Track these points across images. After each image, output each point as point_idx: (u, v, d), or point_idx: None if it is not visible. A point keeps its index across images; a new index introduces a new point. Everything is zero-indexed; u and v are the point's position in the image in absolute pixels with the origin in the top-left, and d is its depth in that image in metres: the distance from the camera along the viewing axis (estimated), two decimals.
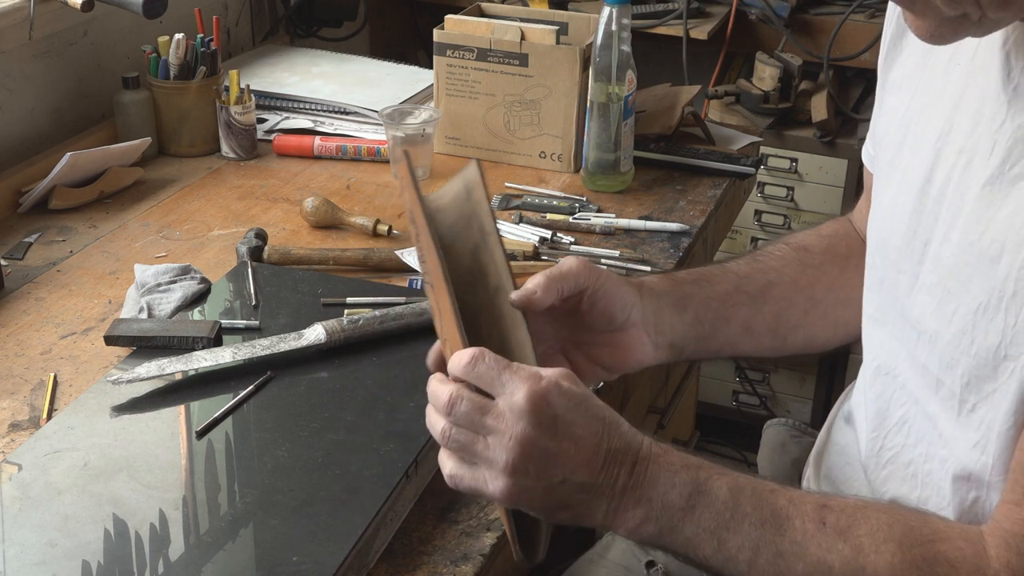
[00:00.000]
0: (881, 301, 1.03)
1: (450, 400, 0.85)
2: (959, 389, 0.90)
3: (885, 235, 1.01)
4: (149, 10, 1.67)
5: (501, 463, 0.84)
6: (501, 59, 1.75)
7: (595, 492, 0.86)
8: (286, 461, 1.08)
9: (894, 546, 0.84)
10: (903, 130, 1.00)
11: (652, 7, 2.42)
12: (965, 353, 0.89)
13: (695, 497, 0.87)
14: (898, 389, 1.00)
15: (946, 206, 0.92)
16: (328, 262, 1.49)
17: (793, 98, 2.42)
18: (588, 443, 0.85)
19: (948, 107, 0.94)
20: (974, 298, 0.87)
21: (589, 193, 1.72)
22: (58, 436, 1.11)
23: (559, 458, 0.84)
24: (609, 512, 0.87)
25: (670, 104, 1.88)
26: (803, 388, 2.68)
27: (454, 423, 0.86)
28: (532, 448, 0.83)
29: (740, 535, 0.86)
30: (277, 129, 1.90)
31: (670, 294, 1.07)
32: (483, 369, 0.85)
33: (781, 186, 2.50)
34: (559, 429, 0.84)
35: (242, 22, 2.24)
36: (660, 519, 0.87)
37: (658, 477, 0.87)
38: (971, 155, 0.90)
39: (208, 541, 0.99)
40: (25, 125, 1.77)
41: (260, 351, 1.22)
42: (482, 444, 0.85)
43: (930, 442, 0.96)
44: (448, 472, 0.88)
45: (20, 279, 1.47)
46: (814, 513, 0.87)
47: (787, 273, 1.14)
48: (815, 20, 2.44)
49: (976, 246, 0.88)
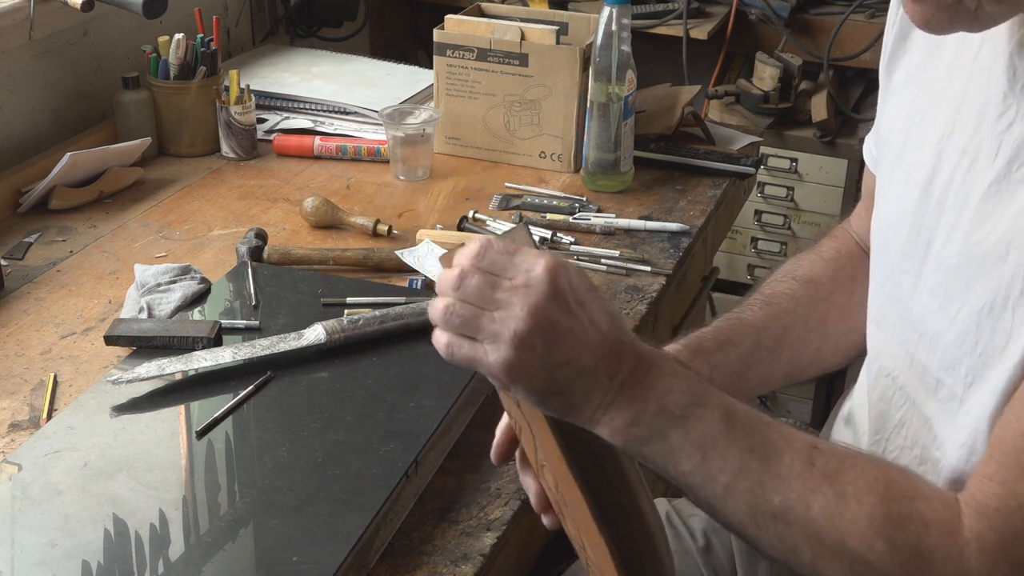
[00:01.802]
0: (883, 302, 1.03)
1: (460, 275, 0.81)
2: (961, 390, 0.90)
3: (888, 236, 1.01)
4: (149, 10, 1.67)
5: (508, 333, 0.80)
6: (501, 59, 1.75)
7: (594, 381, 0.83)
8: (286, 461, 1.08)
9: (875, 498, 0.84)
10: (906, 131, 1.00)
11: (652, 7, 2.42)
12: (969, 353, 0.88)
13: (690, 408, 0.85)
14: (897, 391, 1.00)
15: (949, 206, 0.92)
16: (328, 262, 1.48)
17: (793, 98, 2.42)
18: (598, 328, 0.83)
19: (951, 108, 0.94)
20: (979, 298, 0.87)
21: (589, 193, 1.72)
22: (58, 436, 1.11)
23: (568, 336, 0.81)
24: (601, 405, 0.84)
25: (670, 104, 1.88)
26: (803, 388, 2.67)
27: (461, 298, 0.82)
28: (544, 321, 0.80)
29: (726, 456, 0.85)
30: (277, 129, 1.90)
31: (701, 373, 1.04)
32: (493, 255, 0.82)
33: (781, 186, 2.50)
34: (572, 307, 0.82)
35: (242, 22, 2.24)
36: (651, 423, 0.84)
37: (658, 380, 0.85)
38: (974, 156, 0.90)
39: (208, 541, 0.99)
40: (25, 125, 1.77)
41: (260, 351, 1.21)
42: (488, 318, 0.81)
43: (924, 445, 0.96)
44: (445, 342, 0.83)
45: (20, 279, 1.47)
46: (804, 452, 0.86)
47: (800, 314, 1.14)
48: (815, 20, 2.44)
49: (982, 246, 0.88)
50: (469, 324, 0.82)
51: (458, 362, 0.84)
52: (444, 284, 0.83)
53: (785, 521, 0.84)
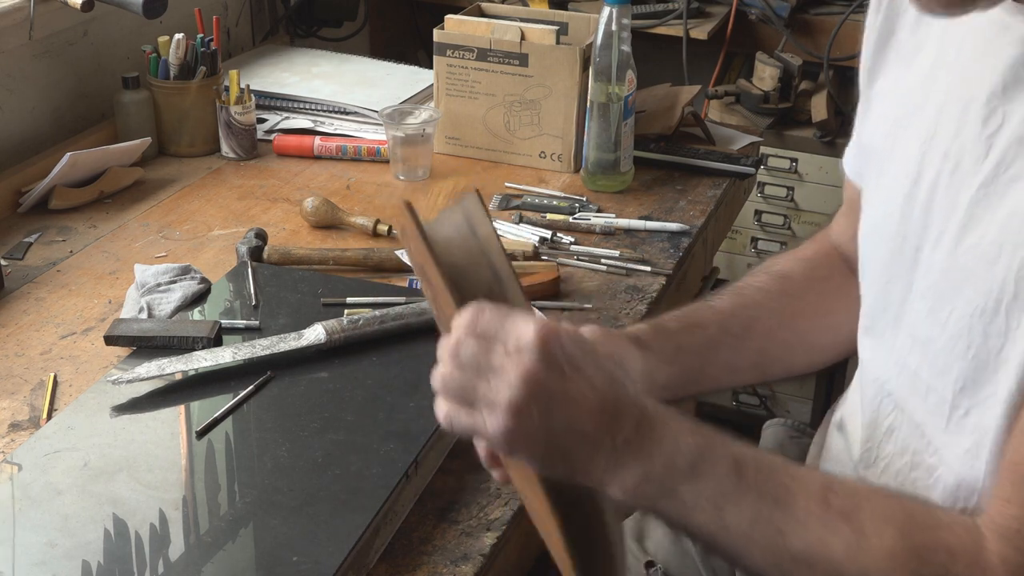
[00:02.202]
0: (873, 310, 1.03)
1: (456, 343, 0.81)
2: (951, 395, 0.90)
3: (875, 243, 1.01)
4: (149, 10, 1.67)
5: (504, 402, 0.79)
6: (501, 59, 1.75)
7: (596, 444, 0.82)
8: (286, 461, 1.08)
9: (895, 531, 0.83)
10: (891, 138, 1.00)
11: (652, 7, 2.42)
12: (960, 358, 0.88)
13: (699, 462, 0.84)
14: (885, 397, 1.00)
15: (936, 211, 0.92)
16: (328, 262, 1.48)
17: (793, 98, 2.42)
18: (595, 390, 0.82)
19: (933, 112, 0.94)
20: (969, 302, 0.87)
21: (589, 193, 1.72)
22: (58, 436, 1.11)
23: (564, 401, 0.81)
24: (608, 467, 0.83)
25: (670, 104, 1.88)
26: (803, 388, 2.67)
27: (457, 366, 0.81)
28: (538, 388, 0.80)
29: (740, 506, 0.84)
30: (277, 129, 1.90)
31: (664, 350, 1.06)
32: (486, 321, 0.81)
33: (781, 186, 2.50)
34: (567, 371, 0.81)
35: (242, 22, 2.24)
36: (661, 480, 0.84)
37: (663, 436, 0.84)
38: (958, 159, 0.90)
39: (208, 541, 0.99)
40: (25, 125, 1.77)
41: (260, 351, 1.22)
42: (484, 385, 0.80)
43: (915, 451, 0.96)
44: (444, 412, 0.83)
45: (20, 279, 1.47)
46: (818, 492, 0.85)
47: (770, 306, 1.13)
48: (815, 20, 2.44)
49: (973, 250, 0.87)
50: (466, 391, 0.81)
51: (458, 432, 0.83)
52: (442, 352, 0.83)
53: (808, 564, 0.84)
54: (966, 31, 0.92)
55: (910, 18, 1.00)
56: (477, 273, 0.88)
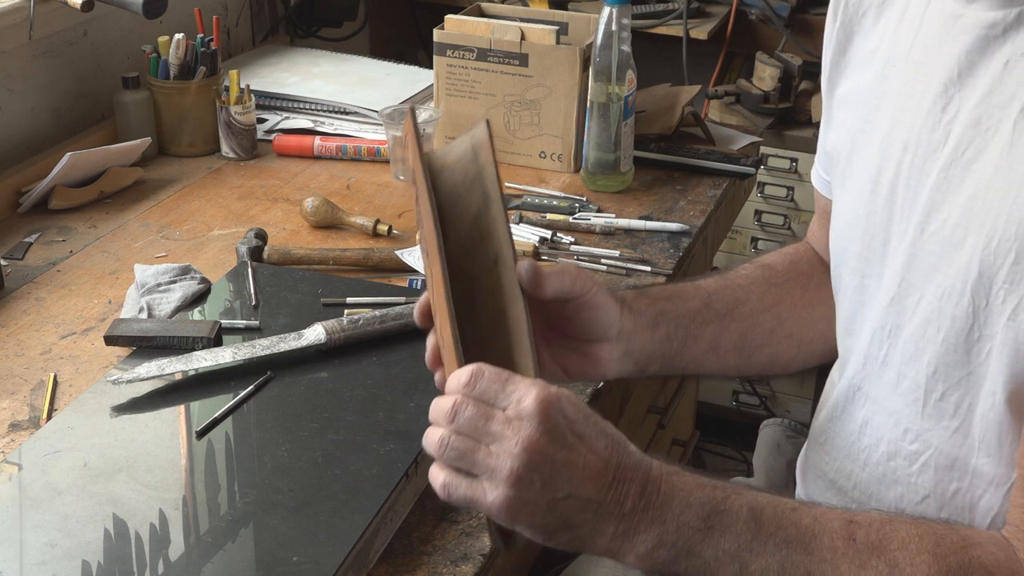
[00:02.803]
0: (850, 310, 1.03)
1: (454, 406, 0.79)
2: (924, 380, 0.91)
3: (845, 245, 1.02)
4: (149, 10, 1.67)
5: (504, 471, 0.78)
6: (501, 59, 1.75)
7: (602, 512, 0.81)
8: (286, 461, 1.08)
9: (928, 556, 0.83)
10: (850, 142, 1.02)
11: (652, 7, 2.42)
12: (931, 342, 0.90)
13: (713, 517, 0.82)
14: (856, 391, 1.01)
15: (899, 203, 0.93)
16: (328, 262, 1.49)
17: (793, 98, 2.42)
18: (598, 457, 0.81)
19: (889, 109, 0.95)
20: (938, 286, 0.89)
21: (589, 193, 1.72)
22: (58, 436, 1.11)
23: (566, 470, 0.79)
24: (617, 535, 0.81)
25: (670, 104, 1.88)
26: (803, 388, 2.67)
27: (455, 431, 0.80)
28: (539, 456, 0.78)
29: (764, 556, 0.82)
30: (277, 129, 1.90)
31: (646, 313, 1.04)
32: (484, 384, 0.80)
33: (781, 186, 2.50)
34: (568, 439, 0.79)
35: (242, 22, 2.24)
36: (676, 542, 0.82)
37: (672, 497, 0.82)
38: (916, 148, 0.91)
39: (208, 541, 0.99)
40: (25, 125, 1.77)
41: (260, 351, 1.22)
42: (484, 452, 0.79)
43: (891, 440, 0.96)
44: (441, 481, 0.81)
45: (20, 279, 1.47)
46: (842, 529, 0.84)
47: (753, 291, 1.13)
48: (815, 20, 2.44)
49: (938, 235, 0.89)
50: (465, 458, 0.80)
51: (456, 502, 0.81)
52: (437, 414, 0.81)
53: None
54: (919, 26, 0.93)
55: (868, 22, 1.01)
56: (469, 198, 0.88)
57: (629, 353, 1.03)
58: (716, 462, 2.70)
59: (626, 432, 0.86)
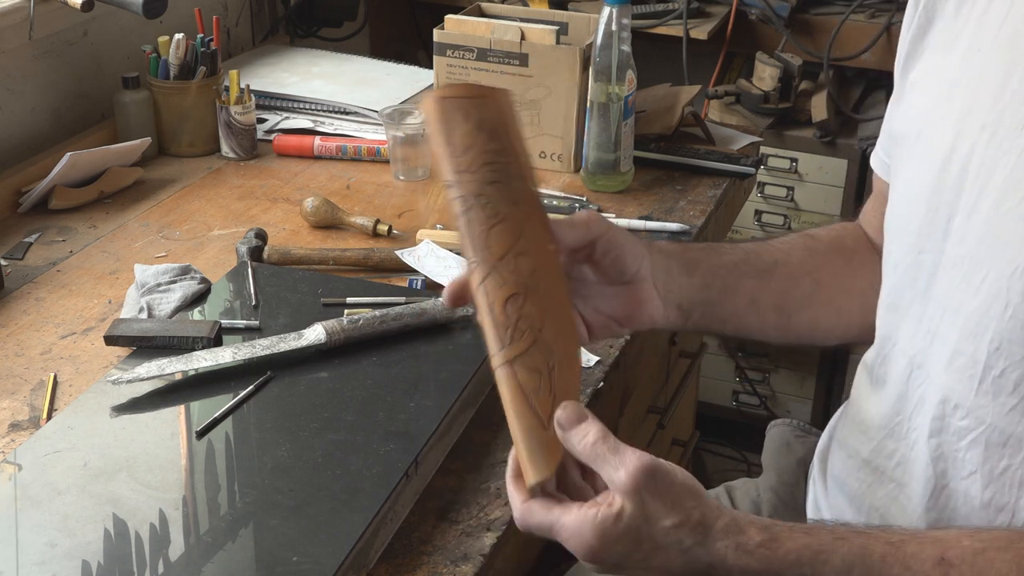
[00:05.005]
0: (898, 285, 1.03)
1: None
2: (984, 356, 0.90)
3: (904, 221, 1.02)
4: (149, 10, 1.67)
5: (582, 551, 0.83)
6: (501, 59, 1.75)
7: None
8: (286, 461, 1.08)
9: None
10: (919, 122, 1.02)
11: (652, 7, 2.42)
12: (997, 318, 0.89)
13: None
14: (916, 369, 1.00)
15: (971, 179, 0.93)
16: (328, 262, 1.49)
17: (793, 98, 2.42)
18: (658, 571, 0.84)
19: (968, 91, 0.95)
20: (1009, 262, 0.88)
21: (589, 193, 1.72)
22: (58, 436, 1.11)
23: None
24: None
25: (670, 104, 1.88)
26: (803, 388, 2.67)
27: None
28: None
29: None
30: (277, 129, 1.90)
31: (679, 256, 1.06)
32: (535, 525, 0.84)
33: (781, 186, 2.50)
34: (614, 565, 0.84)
35: (242, 22, 2.24)
36: None
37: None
38: (995, 127, 0.91)
39: (208, 541, 0.99)
40: (25, 125, 1.77)
41: (260, 351, 1.22)
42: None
43: (936, 416, 0.96)
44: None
45: (20, 279, 1.47)
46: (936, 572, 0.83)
47: (793, 255, 1.14)
48: (815, 20, 2.44)
49: (1013, 213, 0.88)
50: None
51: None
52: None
53: None
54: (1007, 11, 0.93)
55: (950, 7, 1.01)
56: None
57: (669, 294, 1.04)
58: (716, 462, 2.70)
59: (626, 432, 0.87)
